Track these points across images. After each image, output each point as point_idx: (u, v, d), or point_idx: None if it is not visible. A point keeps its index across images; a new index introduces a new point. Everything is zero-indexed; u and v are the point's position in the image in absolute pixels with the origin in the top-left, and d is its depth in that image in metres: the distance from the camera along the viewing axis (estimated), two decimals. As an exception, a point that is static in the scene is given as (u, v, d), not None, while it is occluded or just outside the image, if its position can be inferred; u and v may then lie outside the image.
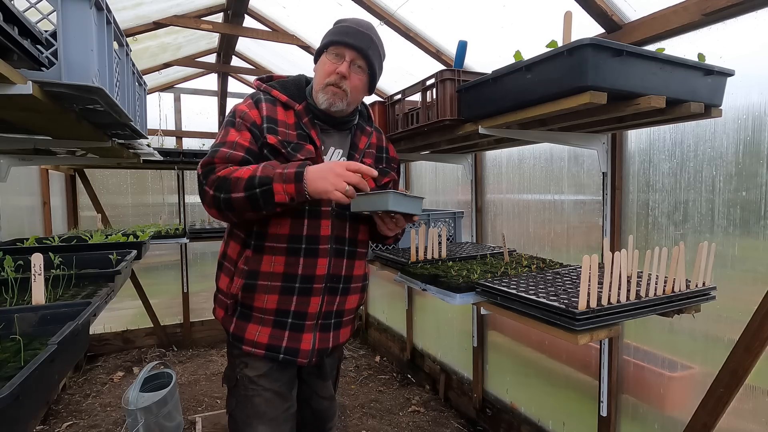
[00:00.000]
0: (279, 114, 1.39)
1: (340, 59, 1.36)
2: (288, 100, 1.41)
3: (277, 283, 1.35)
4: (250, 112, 1.36)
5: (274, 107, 1.39)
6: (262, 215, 1.27)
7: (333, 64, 1.36)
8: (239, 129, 1.34)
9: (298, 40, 3.15)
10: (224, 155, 1.28)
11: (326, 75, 1.36)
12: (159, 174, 4.19)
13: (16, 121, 1.44)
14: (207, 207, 1.30)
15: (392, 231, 1.41)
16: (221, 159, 1.28)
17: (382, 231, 1.41)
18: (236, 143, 1.31)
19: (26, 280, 1.21)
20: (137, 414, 2.41)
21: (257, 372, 1.40)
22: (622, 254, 1.21)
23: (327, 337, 1.45)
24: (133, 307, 4.16)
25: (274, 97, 1.42)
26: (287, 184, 1.18)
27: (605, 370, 1.88)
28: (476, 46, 2.06)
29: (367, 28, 1.39)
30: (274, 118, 1.37)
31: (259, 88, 1.46)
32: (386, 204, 1.22)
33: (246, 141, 1.32)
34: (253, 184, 1.20)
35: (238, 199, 1.22)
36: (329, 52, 1.37)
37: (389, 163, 1.60)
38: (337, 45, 1.36)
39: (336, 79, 1.35)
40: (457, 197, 3.12)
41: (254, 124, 1.35)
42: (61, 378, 0.87)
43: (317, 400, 1.61)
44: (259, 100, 1.39)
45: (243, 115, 1.36)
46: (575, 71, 1.17)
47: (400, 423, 2.90)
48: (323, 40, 1.39)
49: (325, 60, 1.38)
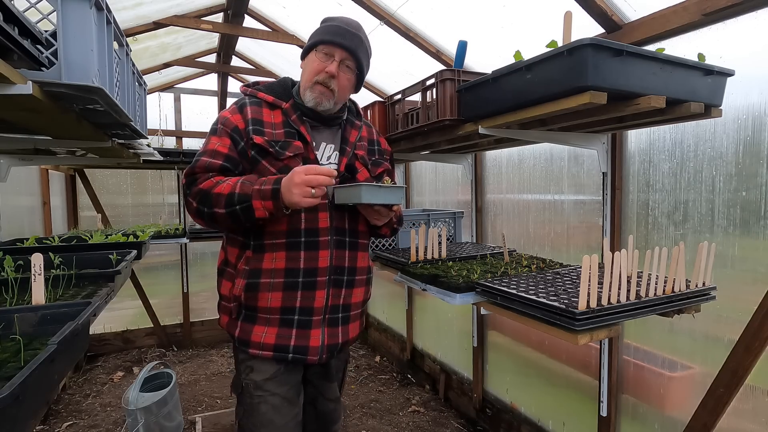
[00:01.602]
0: (265, 115, 1.40)
1: (329, 58, 1.37)
2: (274, 100, 1.42)
3: (279, 279, 1.34)
4: (232, 118, 1.38)
5: (259, 109, 1.41)
6: (247, 227, 1.32)
7: (322, 63, 1.37)
8: (220, 135, 1.36)
9: (298, 40, 3.15)
10: (204, 164, 1.32)
11: (315, 73, 1.38)
12: (159, 174, 4.19)
13: (16, 121, 1.44)
14: (192, 216, 1.34)
15: (379, 221, 1.43)
16: (201, 168, 1.32)
17: (371, 221, 1.44)
18: (215, 151, 1.34)
19: (26, 280, 1.21)
20: (137, 414, 2.41)
21: (264, 376, 1.39)
22: (622, 254, 1.21)
23: (336, 332, 1.44)
24: (133, 307, 4.15)
25: (260, 99, 1.43)
26: (265, 201, 1.22)
27: (605, 370, 1.88)
28: (476, 46, 2.06)
29: (356, 27, 1.41)
30: (260, 120, 1.39)
31: (244, 93, 1.48)
32: (360, 196, 1.25)
33: (225, 148, 1.34)
34: (232, 201, 1.24)
35: (220, 215, 1.27)
36: (318, 51, 1.38)
37: (382, 155, 1.61)
38: (327, 44, 1.37)
39: (325, 78, 1.37)
40: (457, 197, 3.12)
41: (235, 129, 1.36)
42: (61, 378, 0.87)
43: (323, 402, 1.59)
44: (244, 105, 1.41)
45: (224, 122, 1.38)
46: (575, 71, 1.17)
47: (400, 423, 2.90)
48: (312, 38, 1.41)
49: (314, 58, 1.39)
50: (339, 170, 1.43)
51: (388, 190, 1.29)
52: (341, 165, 1.44)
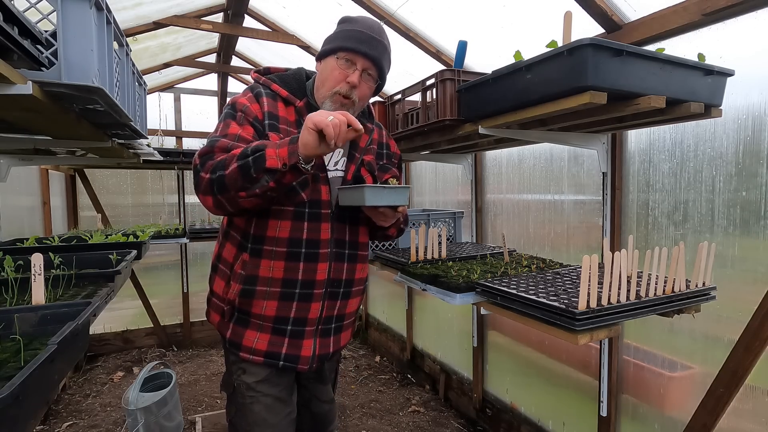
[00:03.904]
0: (280, 110, 1.33)
1: (351, 66, 1.29)
2: (288, 96, 1.35)
3: (276, 288, 1.31)
4: (252, 107, 1.30)
5: (275, 102, 1.34)
6: (256, 194, 1.14)
7: (343, 72, 1.29)
8: (241, 123, 1.28)
9: (298, 40, 3.16)
10: (225, 145, 1.21)
11: (335, 82, 1.30)
12: (159, 174, 4.19)
13: (16, 121, 1.44)
14: (202, 195, 1.21)
15: (386, 222, 1.38)
16: (221, 149, 1.20)
17: (378, 223, 1.39)
18: (239, 136, 1.24)
19: (26, 280, 1.21)
20: (137, 414, 2.41)
21: (256, 378, 1.37)
22: (622, 254, 1.21)
23: (327, 342, 1.42)
24: (133, 307, 4.15)
25: (275, 92, 1.36)
26: (280, 149, 1.10)
27: (605, 370, 1.88)
28: (476, 46, 2.06)
29: (379, 32, 1.33)
30: (276, 115, 1.32)
31: (258, 81, 1.40)
32: (363, 198, 1.21)
33: (249, 135, 1.26)
34: (246, 153, 1.13)
35: (230, 174, 1.13)
36: (339, 58, 1.29)
37: (390, 159, 1.57)
38: (350, 51, 1.28)
39: (346, 89, 1.29)
40: (457, 197, 3.12)
41: (256, 119, 1.29)
42: (61, 378, 0.87)
43: (317, 404, 1.59)
44: (260, 94, 1.33)
45: (244, 109, 1.29)
46: (575, 71, 1.17)
47: (400, 423, 2.90)
48: (333, 42, 1.32)
49: (334, 65, 1.30)
50: (346, 178, 1.39)
51: (393, 191, 1.26)
52: (348, 173, 1.39)
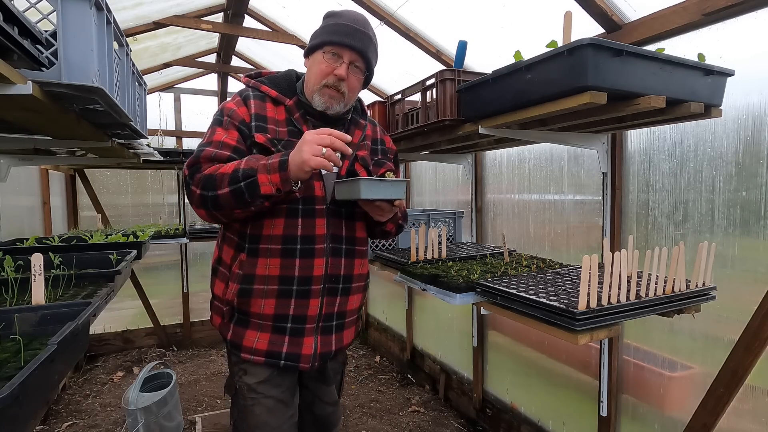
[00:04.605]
0: (268, 111, 1.35)
1: (338, 60, 1.31)
2: (278, 96, 1.37)
3: (273, 286, 1.31)
4: (239, 110, 1.33)
5: (263, 104, 1.35)
6: (251, 211, 1.23)
7: (330, 65, 1.31)
8: (226, 128, 1.31)
9: (298, 40, 3.16)
10: (209, 155, 1.26)
11: (323, 75, 1.32)
12: (159, 174, 4.19)
13: (16, 121, 1.44)
14: (195, 207, 1.27)
15: (383, 217, 1.37)
16: (206, 158, 1.26)
17: (375, 218, 1.38)
18: (222, 142, 1.28)
19: (26, 280, 1.21)
20: (137, 414, 2.41)
21: (257, 379, 1.37)
22: (622, 254, 1.21)
23: (329, 340, 1.41)
24: (133, 307, 4.15)
25: (264, 93, 1.37)
26: (272, 174, 1.15)
27: (605, 370, 1.88)
28: (476, 46, 2.06)
29: (364, 24, 1.34)
30: (263, 116, 1.33)
31: (247, 84, 1.42)
32: (359, 192, 1.20)
33: (233, 140, 1.29)
34: (237, 177, 1.17)
35: (223, 196, 1.19)
36: (326, 52, 1.32)
37: (385, 155, 1.56)
38: (335, 45, 1.30)
39: (334, 81, 1.31)
40: (457, 197, 3.12)
41: (243, 122, 1.31)
42: (61, 378, 0.87)
43: (320, 406, 1.57)
44: (248, 97, 1.35)
45: (231, 113, 1.32)
46: (575, 71, 1.17)
47: (400, 423, 2.90)
48: (319, 37, 1.33)
49: (321, 59, 1.32)
50: (339, 174, 1.39)
51: (389, 184, 1.25)
52: (342, 168, 1.39)
